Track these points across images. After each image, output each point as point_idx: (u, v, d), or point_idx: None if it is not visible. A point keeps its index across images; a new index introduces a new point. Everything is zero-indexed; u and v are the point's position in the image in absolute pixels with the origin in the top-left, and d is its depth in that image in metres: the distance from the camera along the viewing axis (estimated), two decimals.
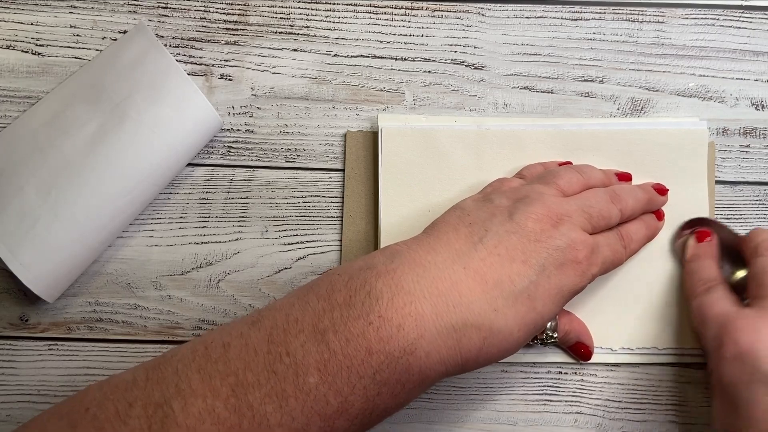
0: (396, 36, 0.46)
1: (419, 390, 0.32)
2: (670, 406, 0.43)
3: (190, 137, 0.43)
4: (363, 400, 0.30)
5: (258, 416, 0.29)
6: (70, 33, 0.46)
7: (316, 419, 0.29)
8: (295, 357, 0.30)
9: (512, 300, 0.32)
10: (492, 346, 0.32)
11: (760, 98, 0.45)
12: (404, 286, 0.31)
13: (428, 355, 0.31)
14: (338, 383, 0.29)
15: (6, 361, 0.44)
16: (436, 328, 0.31)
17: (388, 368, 0.30)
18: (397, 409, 0.32)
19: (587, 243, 0.35)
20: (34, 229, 0.40)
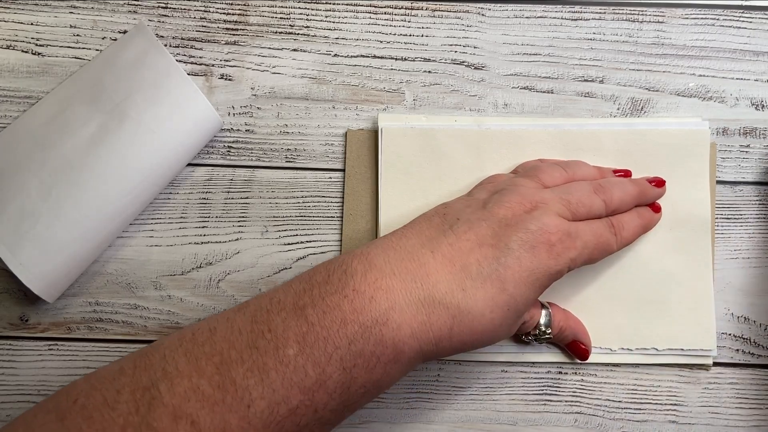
0: (396, 36, 0.46)
1: (396, 368, 0.33)
2: (670, 406, 0.43)
3: (190, 137, 0.43)
4: (340, 371, 0.31)
5: (240, 390, 0.30)
6: (70, 33, 0.46)
7: (295, 392, 0.30)
8: (276, 332, 0.31)
9: (480, 281, 0.33)
10: (463, 325, 0.33)
11: (760, 98, 0.45)
12: (376, 264, 0.33)
13: (399, 327, 0.32)
14: (316, 354, 0.31)
15: (6, 361, 0.44)
16: (405, 301, 0.32)
17: (362, 338, 0.31)
18: (376, 389, 0.33)
19: (561, 227, 0.35)
20: (34, 229, 0.40)
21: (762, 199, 0.45)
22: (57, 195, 0.40)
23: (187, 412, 0.30)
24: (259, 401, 0.30)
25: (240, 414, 0.30)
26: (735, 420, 0.43)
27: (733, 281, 0.44)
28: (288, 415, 0.31)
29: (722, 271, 0.44)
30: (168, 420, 0.29)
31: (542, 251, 0.34)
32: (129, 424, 0.29)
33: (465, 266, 0.33)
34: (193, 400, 0.30)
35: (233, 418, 0.30)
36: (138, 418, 0.29)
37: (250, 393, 0.30)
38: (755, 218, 0.44)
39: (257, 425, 0.30)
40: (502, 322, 0.34)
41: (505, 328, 0.35)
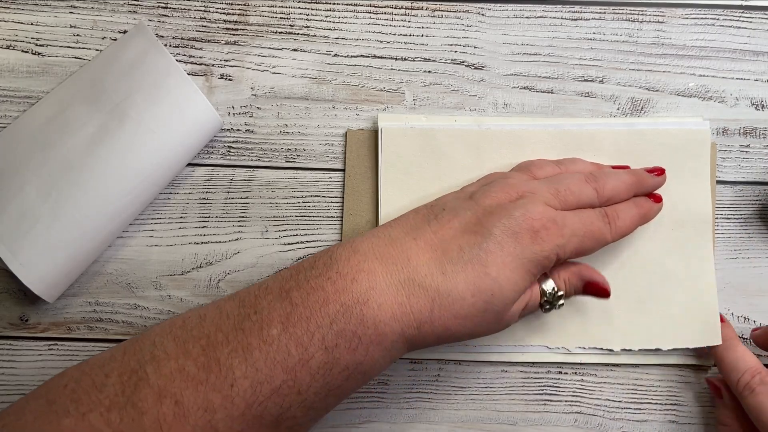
0: (396, 36, 0.46)
1: (378, 351, 0.32)
2: (670, 406, 0.43)
3: (190, 137, 0.43)
4: (322, 350, 0.31)
5: (224, 369, 0.30)
6: (70, 33, 0.46)
7: (278, 371, 0.31)
8: (261, 314, 0.32)
9: (461, 266, 0.33)
10: (443, 308, 0.33)
11: (760, 98, 0.45)
12: (360, 249, 0.34)
13: (380, 307, 0.32)
14: (298, 333, 0.31)
15: (6, 361, 0.44)
16: (386, 282, 0.33)
17: (343, 317, 0.32)
18: (360, 374, 0.33)
19: (546, 214, 0.35)
20: (34, 229, 0.40)
21: (762, 199, 0.44)
22: (57, 195, 0.40)
23: (171, 391, 0.30)
24: (242, 380, 0.30)
25: (223, 393, 0.30)
26: None
27: (733, 281, 0.44)
28: (271, 394, 0.31)
29: (722, 271, 0.44)
30: (153, 399, 0.30)
31: (525, 237, 0.34)
32: (114, 404, 0.30)
33: (446, 251, 0.34)
34: (178, 380, 0.30)
35: (216, 397, 0.30)
36: (123, 399, 0.30)
37: (233, 372, 0.31)
38: (755, 218, 0.44)
39: (240, 404, 0.30)
40: (487, 308, 0.34)
41: (493, 315, 0.34)
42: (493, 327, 0.35)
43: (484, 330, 0.35)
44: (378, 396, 0.44)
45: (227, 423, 0.30)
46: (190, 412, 0.30)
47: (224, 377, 0.31)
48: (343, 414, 0.43)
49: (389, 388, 0.44)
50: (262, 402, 0.31)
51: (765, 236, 0.44)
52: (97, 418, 0.30)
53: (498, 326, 0.35)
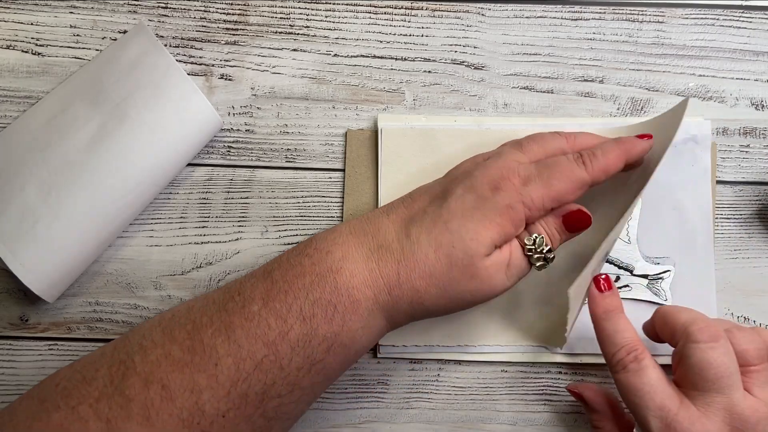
0: (396, 36, 0.46)
1: (354, 319, 0.33)
2: None
3: (190, 137, 0.43)
4: (300, 321, 0.32)
5: (208, 349, 0.31)
6: (70, 33, 0.46)
7: (259, 345, 0.32)
8: (244, 294, 0.33)
9: (425, 226, 0.34)
10: (410, 269, 0.33)
11: (760, 98, 0.45)
12: (337, 228, 0.36)
13: (352, 274, 0.33)
14: (277, 306, 0.32)
15: (6, 361, 0.44)
16: (358, 252, 0.34)
17: (318, 286, 0.33)
18: (339, 346, 0.33)
19: (506, 165, 0.35)
20: (34, 229, 0.40)
21: (762, 199, 0.44)
22: (57, 195, 0.40)
23: (158, 376, 0.31)
24: (226, 358, 0.31)
25: (208, 372, 0.31)
26: None
27: (733, 281, 0.44)
28: (253, 370, 0.31)
29: (722, 271, 0.44)
30: (140, 386, 0.31)
31: (486, 190, 0.34)
32: (103, 395, 0.30)
33: (413, 217, 0.35)
34: (165, 364, 0.31)
35: (201, 377, 0.31)
36: (112, 389, 0.31)
37: (217, 351, 0.31)
38: (755, 218, 0.44)
39: (225, 383, 0.31)
40: (451, 263, 0.33)
41: (459, 271, 0.33)
42: (467, 287, 0.34)
43: (458, 292, 0.34)
44: (378, 396, 0.44)
45: (213, 403, 0.31)
46: (177, 395, 0.31)
47: (208, 357, 0.31)
48: (343, 414, 0.43)
49: (389, 388, 0.44)
50: (245, 378, 0.31)
51: (765, 236, 0.44)
52: (86, 410, 0.30)
53: (473, 286, 0.34)
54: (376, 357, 0.44)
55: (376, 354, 0.43)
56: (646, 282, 0.43)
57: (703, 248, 0.43)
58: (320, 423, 0.43)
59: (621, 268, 0.43)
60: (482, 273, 0.34)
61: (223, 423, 0.31)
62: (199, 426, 0.31)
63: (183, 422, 0.30)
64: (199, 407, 0.31)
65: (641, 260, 0.43)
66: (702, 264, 0.43)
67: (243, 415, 0.31)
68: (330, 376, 0.34)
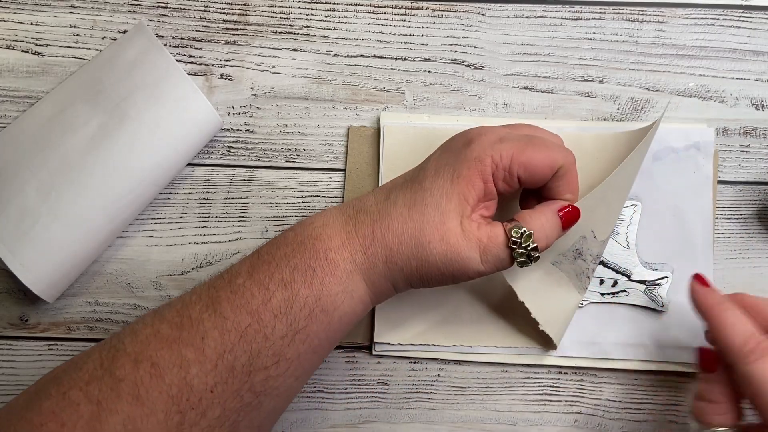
0: (396, 36, 0.46)
1: (334, 282, 0.33)
2: (670, 406, 0.43)
3: (190, 137, 0.43)
4: (281, 287, 0.33)
5: (195, 324, 0.32)
6: (70, 33, 0.46)
7: (243, 315, 0.32)
8: (232, 271, 0.34)
9: (403, 188, 0.35)
10: (384, 227, 0.34)
11: (760, 98, 0.45)
12: (327, 209, 0.36)
13: (330, 238, 0.34)
14: (260, 276, 0.33)
15: (6, 361, 0.44)
16: (338, 219, 0.35)
17: (298, 252, 0.34)
18: (321, 311, 0.33)
19: (487, 127, 0.36)
20: (34, 229, 0.40)
21: (762, 199, 0.44)
22: (57, 195, 0.40)
23: (147, 354, 0.31)
24: (212, 331, 0.32)
25: (195, 346, 0.31)
26: None
27: (733, 281, 0.44)
28: (238, 340, 0.32)
29: (722, 271, 0.44)
30: (130, 366, 0.31)
31: (460, 144, 0.35)
32: (93, 378, 0.31)
33: (395, 184, 0.36)
34: (154, 342, 0.32)
35: (189, 351, 0.31)
36: (102, 371, 0.31)
37: (203, 324, 0.32)
38: (755, 218, 0.44)
39: (211, 356, 0.31)
40: (425, 221, 0.33)
41: (431, 231, 0.33)
42: (438, 250, 0.33)
43: (429, 254, 0.33)
44: (378, 396, 0.44)
45: (201, 378, 0.31)
46: (166, 371, 0.31)
47: (196, 331, 0.32)
48: (343, 414, 0.43)
49: (389, 388, 0.44)
50: (231, 350, 0.31)
51: (765, 236, 0.44)
52: (76, 394, 0.30)
53: (442, 249, 0.33)
54: (375, 356, 0.44)
55: (373, 351, 0.43)
56: (643, 288, 0.43)
57: (703, 256, 0.43)
58: (320, 423, 0.43)
59: (618, 273, 0.43)
60: (453, 238, 0.33)
61: (211, 398, 0.31)
62: (188, 402, 0.31)
63: (172, 399, 0.30)
64: (188, 382, 0.31)
65: (639, 266, 0.43)
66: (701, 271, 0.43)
67: (231, 389, 0.32)
68: (315, 348, 0.34)
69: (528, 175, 0.34)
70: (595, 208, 0.37)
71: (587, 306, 0.43)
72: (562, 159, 0.35)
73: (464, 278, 0.35)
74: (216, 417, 0.31)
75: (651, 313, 0.43)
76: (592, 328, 0.43)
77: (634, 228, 0.43)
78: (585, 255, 0.39)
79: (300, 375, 0.34)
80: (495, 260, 0.34)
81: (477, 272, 0.34)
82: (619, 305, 0.43)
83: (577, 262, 0.39)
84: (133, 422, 0.30)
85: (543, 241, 0.34)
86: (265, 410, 0.33)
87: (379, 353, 0.43)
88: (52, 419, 0.30)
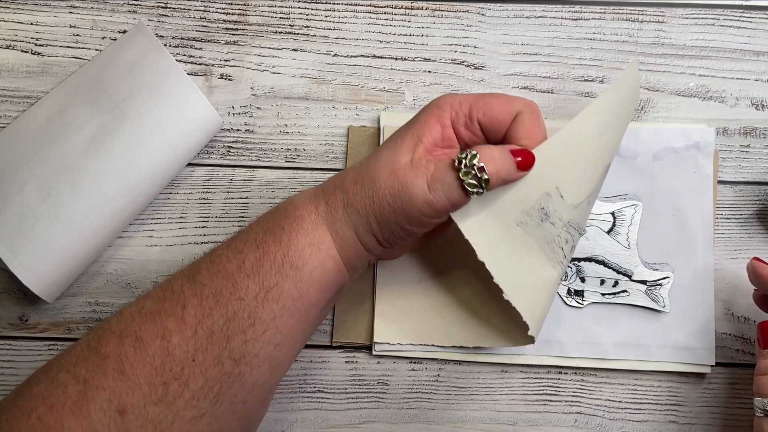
0: (396, 36, 0.46)
1: (301, 235, 0.34)
2: (670, 407, 0.43)
3: (190, 137, 0.43)
4: (254, 249, 0.34)
5: (176, 295, 0.33)
6: (70, 33, 0.46)
7: (219, 279, 0.33)
8: (216, 247, 0.35)
9: (377, 150, 0.36)
10: (343, 176, 0.35)
11: (761, 98, 0.45)
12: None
13: (300, 198, 0.36)
14: (236, 243, 0.35)
15: (6, 361, 0.44)
16: (313, 188, 0.36)
17: (272, 216, 0.35)
18: (290, 267, 0.33)
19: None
20: (34, 229, 0.40)
21: (762, 199, 0.44)
22: (57, 195, 0.40)
23: (131, 329, 0.32)
24: (192, 299, 0.33)
25: (176, 316, 0.32)
26: (735, 420, 0.43)
27: (733, 281, 0.44)
28: (215, 304, 0.32)
29: (722, 271, 0.44)
30: (115, 343, 0.32)
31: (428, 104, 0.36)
32: (80, 359, 0.32)
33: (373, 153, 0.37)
34: (138, 318, 0.33)
35: (170, 322, 0.32)
36: (89, 351, 0.32)
37: (184, 294, 0.33)
38: (755, 218, 0.44)
39: (191, 322, 0.32)
40: (378, 162, 0.34)
41: (384, 168, 0.34)
42: (386, 183, 0.34)
43: (378, 189, 0.34)
44: (378, 396, 0.44)
45: (182, 346, 0.32)
46: (149, 344, 0.32)
47: (177, 301, 0.33)
48: (343, 414, 0.43)
49: (389, 388, 0.44)
50: (209, 314, 0.32)
51: (765, 236, 0.44)
52: (64, 376, 0.31)
53: (389, 181, 0.34)
54: (375, 356, 0.44)
55: (373, 351, 0.43)
56: (644, 288, 0.43)
57: (703, 256, 0.43)
58: (320, 423, 0.43)
59: (620, 273, 0.43)
60: (401, 170, 0.33)
61: (193, 367, 0.32)
62: (171, 372, 0.31)
63: (155, 370, 0.31)
64: (170, 352, 0.31)
65: (640, 266, 0.43)
66: (702, 272, 0.43)
67: (211, 356, 0.32)
68: (290, 310, 0.34)
69: (488, 120, 0.35)
70: (557, 162, 0.36)
71: (587, 306, 0.43)
72: (522, 105, 0.35)
73: (416, 212, 0.33)
74: (199, 387, 0.32)
75: (652, 313, 0.43)
76: (593, 328, 0.43)
77: (634, 228, 0.43)
78: (553, 218, 0.36)
79: (279, 343, 0.34)
80: (442, 186, 0.33)
81: (425, 201, 0.33)
82: (619, 305, 0.43)
83: (545, 226, 0.36)
84: (118, 397, 0.30)
85: (492, 167, 0.33)
86: (248, 383, 0.33)
87: (379, 353, 0.43)
88: (41, 403, 0.30)
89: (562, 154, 0.36)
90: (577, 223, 0.37)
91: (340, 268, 0.35)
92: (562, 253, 0.37)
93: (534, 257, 0.37)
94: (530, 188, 0.35)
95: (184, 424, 0.31)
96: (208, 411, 0.32)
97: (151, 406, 0.31)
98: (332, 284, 0.35)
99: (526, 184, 0.35)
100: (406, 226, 0.34)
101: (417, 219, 0.34)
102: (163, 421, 0.31)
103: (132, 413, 0.30)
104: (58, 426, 0.30)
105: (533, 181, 0.35)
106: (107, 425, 0.30)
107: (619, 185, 0.44)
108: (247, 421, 0.34)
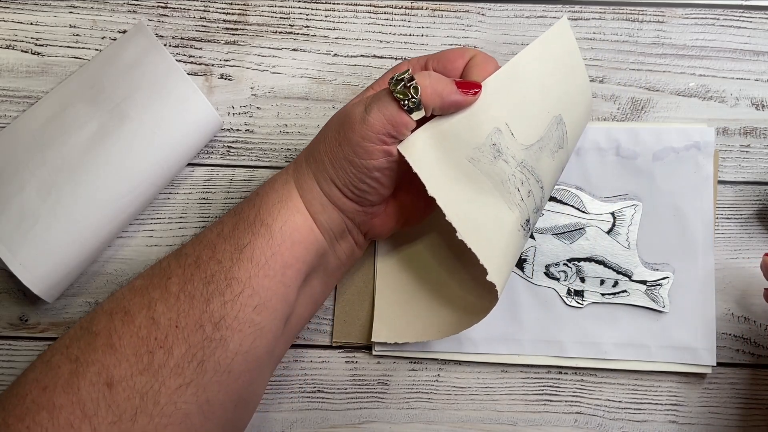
0: (396, 36, 0.46)
1: (271, 194, 0.36)
2: (670, 406, 0.43)
3: (190, 137, 0.43)
4: (233, 216, 0.36)
5: (163, 269, 0.35)
6: (70, 33, 0.46)
7: (200, 247, 0.35)
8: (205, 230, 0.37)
9: None
10: (312, 139, 0.38)
11: (761, 98, 0.45)
12: None
13: (278, 173, 0.37)
14: (221, 218, 0.37)
15: (6, 361, 0.44)
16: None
17: (255, 193, 0.37)
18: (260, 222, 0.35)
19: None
20: (34, 229, 0.40)
21: (762, 199, 0.44)
22: (57, 195, 0.40)
23: (122, 305, 0.33)
24: (176, 269, 0.34)
25: (161, 286, 0.34)
26: (735, 420, 0.43)
27: (733, 281, 0.44)
28: (196, 269, 0.34)
29: (722, 271, 0.44)
30: (105, 320, 0.33)
31: None
32: (74, 340, 0.33)
33: None
34: (128, 295, 0.34)
35: (156, 292, 0.33)
36: (81, 332, 0.33)
37: (170, 267, 0.35)
38: (755, 218, 0.44)
39: (174, 290, 0.33)
40: (337, 115, 0.36)
41: (339, 114, 0.36)
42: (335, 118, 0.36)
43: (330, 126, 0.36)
44: (378, 396, 0.44)
45: (166, 314, 0.33)
46: (135, 315, 0.33)
47: (163, 274, 0.34)
48: (343, 414, 0.43)
49: (389, 388, 0.44)
50: (190, 279, 0.34)
51: (765, 236, 0.44)
52: (57, 358, 0.32)
53: (336, 119, 0.36)
54: (375, 356, 0.44)
55: (373, 351, 0.43)
56: (644, 288, 0.43)
57: (704, 256, 0.43)
58: (320, 423, 0.43)
59: (620, 273, 0.43)
60: (349, 107, 0.36)
61: (176, 334, 0.32)
62: (156, 341, 0.32)
63: (141, 340, 0.32)
64: (155, 320, 0.32)
65: (640, 266, 0.43)
66: (702, 272, 0.43)
67: (193, 320, 0.33)
68: (265, 269, 0.34)
69: (441, 67, 0.37)
70: (503, 97, 0.35)
71: (587, 306, 0.43)
72: (475, 51, 0.37)
73: (357, 137, 0.34)
74: (182, 354, 0.32)
75: (652, 313, 0.43)
76: (593, 328, 0.43)
77: (634, 228, 0.43)
78: (505, 155, 0.36)
79: (257, 305, 0.34)
80: (378, 104, 0.34)
81: (362, 121, 0.34)
82: (619, 305, 0.43)
83: (498, 164, 0.36)
84: (106, 369, 0.31)
85: (425, 80, 0.34)
86: (231, 349, 0.33)
87: (379, 353, 0.43)
88: (35, 386, 0.31)
89: (507, 90, 0.36)
90: (531, 166, 0.37)
91: (310, 225, 0.36)
92: (519, 195, 0.36)
93: (488, 196, 0.36)
94: (479, 121, 0.35)
95: (171, 393, 0.32)
96: (194, 380, 0.32)
97: (138, 376, 0.31)
98: (304, 242, 0.36)
99: (475, 116, 0.35)
100: (354, 158, 0.34)
101: (360, 146, 0.34)
102: (149, 390, 0.31)
103: (119, 385, 0.31)
104: (50, 405, 0.30)
105: (481, 114, 0.35)
106: (96, 399, 0.31)
107: (619, 185, 0.44)
108: (238, 397, 0.34)
